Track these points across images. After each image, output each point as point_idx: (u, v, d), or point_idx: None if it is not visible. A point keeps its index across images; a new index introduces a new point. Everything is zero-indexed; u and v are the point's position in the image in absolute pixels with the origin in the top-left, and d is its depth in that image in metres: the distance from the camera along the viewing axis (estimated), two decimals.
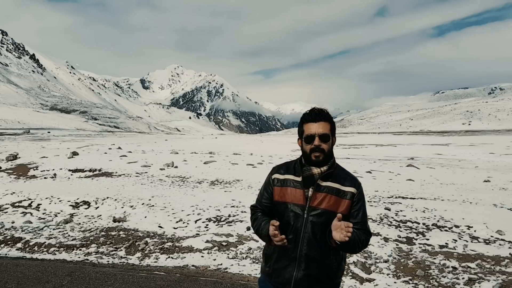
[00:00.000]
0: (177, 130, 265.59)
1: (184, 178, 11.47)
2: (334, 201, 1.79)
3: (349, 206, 1.81)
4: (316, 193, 1.79)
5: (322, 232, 1.78)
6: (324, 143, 1.79)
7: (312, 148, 1.79)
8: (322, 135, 1.78)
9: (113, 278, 3.99)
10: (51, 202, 7.62)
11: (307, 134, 1.81)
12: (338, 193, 1.80)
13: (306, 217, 1.79)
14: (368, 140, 63.58)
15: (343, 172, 1.89)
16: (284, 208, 1.84)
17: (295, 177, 1.85)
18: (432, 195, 9.37)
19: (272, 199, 1.92)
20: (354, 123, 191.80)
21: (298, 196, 1.82)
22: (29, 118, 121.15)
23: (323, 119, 1.81)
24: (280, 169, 1.94)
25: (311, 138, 1.79)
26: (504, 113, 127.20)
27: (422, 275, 4.07)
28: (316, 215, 1.78)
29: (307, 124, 1.83)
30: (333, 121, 1.88)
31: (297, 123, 1.91)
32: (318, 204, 1.78)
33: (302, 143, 1.85)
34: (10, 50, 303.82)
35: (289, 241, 1.80)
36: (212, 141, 53.92)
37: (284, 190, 1.86)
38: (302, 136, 1.86)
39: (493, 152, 30.52)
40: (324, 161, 1.81)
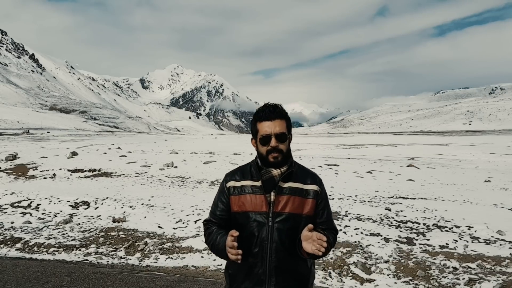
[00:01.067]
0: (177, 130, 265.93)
1: (184, 178, 11.46)
2: (299, 203, 1.65)
3: (313, 205, 1.68)
4: (279, 196, 1.63)
5: (290, 238, 1.63)
6: (281, 143, 1.63)
7: (269, 149, 1.62)
8: (279, 134, 1.62)
9: (112, 279, 3.97)
10: (50, 202, 7.61)
11: (262, 134, 1.63)
12: (301, 193, 1.67)
13: (271, 225, 1.62)
14: (369, 140, 63.58)
15: (303, 169, 1.76)
16: (246, 218, 1.65)
17: (253, 182, 1.67)
18: (433, 195, 9.36)
19: (229, 211, 1.72)
20: (354, 123, 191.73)
21: (259, 202, 1.64)
22: (28, 118, 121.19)
23: (278, 117, 1.64)
24: (234, 175, 1.75)
25: (267, 139, 1.63)
26: (505, 113, 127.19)
27: (423, 275, 4.06)
28: (282, 220, 1.62)
29: (261, 123, 1.65)
30: (289, 117, 1.71)
31: (297, 123, 1.76)
32: (283, 208, 1.63)
33: (257, 144, 1.68)
34: (10, 50, 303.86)
35: (255, 255, 1.63)
36: (212, 141, 53.92)
37: (243, 198, 1.67)
38: (256, 136, 1.68)
39: (493, 152, 30.51)
40: (282, 162, 1.65)
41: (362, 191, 9.77)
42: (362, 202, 8.10)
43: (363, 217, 6.52)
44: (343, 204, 7.69)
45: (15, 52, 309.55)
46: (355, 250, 4.77)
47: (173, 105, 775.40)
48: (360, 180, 12.09)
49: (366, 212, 6.89)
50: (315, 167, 15.19)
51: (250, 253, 1.63)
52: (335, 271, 4.27)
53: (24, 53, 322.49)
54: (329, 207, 1.77)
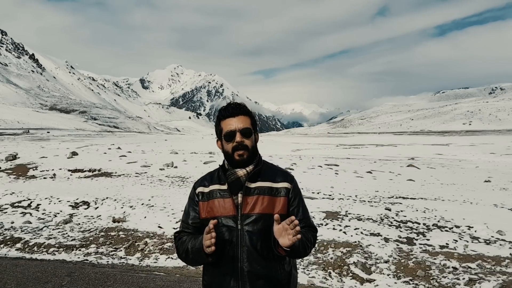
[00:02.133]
0: (177, 130, 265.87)
1: (184, 178, 11.46)
2: (268, 202, 1.57)
3: (285, 203, 1.60)
4: (247, 197, 1.56)
5: (262, 241, 1.54)
6: (246, 138, 1.58)
7: (234, 146, 1.57)
8: (243, 129, 1.57)
9: (112, 279, 3.97)
10: (50, 202, 7.61)
11: (226, 131, 1.58)
12: (271, 191, 1.59)
13: (241, 228, 1.54)
14: (369, 140, 63.58)
15: (272, 168, 1.68)
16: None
17: (220, 186, 1.61)
18: (433, 195, 9.36)
19: (199, 218, 1.66)
20: (355, 123, 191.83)
21: (227, 206, 1.57)
22: (28, 118, 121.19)
23: (242, 113, 1.61)
24: (203, 181, 1.69)
25: (231, 135, 1.57)
26: (505, 113, 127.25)
27: (423, 275, 4.06)
28: (252, 222, 1.54)
29: (225, 121, 1.61)
30: (253, 115, 1.68)
31: (297, 123, 1.69)
32: (251, 210, 1.55)
33: (223, 143, 1.63)
34: (10, 50, 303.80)
35: (227, 260, 1.55)
36: (212, 141, 53.90)
37: (211, 203, 1.61)
38: (221, 135, 1.62)
39: (493, 152, 30.52)
40: (249, 160, 1.59)
41: (362, 191, 9.77)
42: (362, 202, 8.10)
43: (363, 217, 6.52)
44: (343, 204, 7.69)
45: (15, 52, 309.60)
46: (355, 250, 4.77)
47: (173, 105, 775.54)
48: (360, 180, 12.09)
49: (366, 212, 6.89)
50: (315, 167, 15.20)
51: (222, 260, 1.56)
52: (335, 271, 4.27)
53: (24, 53, 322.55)
54: (304, 204, 1.68)
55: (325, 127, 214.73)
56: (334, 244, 4.98)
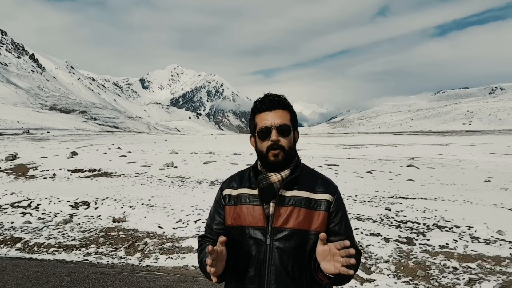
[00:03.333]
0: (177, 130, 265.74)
1: (184, 178, 11.46)
2: (305, 216, 1.32)
3: (325, 219, 1.34)
4: (280, 208, 1.32)
5: (294, 261, 1.31)
6: (283, 136, 1.34)
7: (270, 145, 1.33)
8: (281, 126, 1.33)
9: (112, 279, 3.98)
10: (50, 202, 7.61)
11: (261, 127, 1.35)
12: (309, 203, 1.33)
13: (270, 244, 1.31)
14: (369, 140, 63.61)
15: (312, 174, 1.43)
16: (241, 234, 1.36)
17: (251, 190, 1.38)
18: (433, 195, 9.36)
19: (225, 224, 1.44)
20: (355, 123, 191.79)
21: (256, 215, 1.34)
22: (28, 118, 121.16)
23: (280, 107, 1.36)
24: (232, 181, 1.47)
25: (266, 132, 1.34)
26: (505, 113, 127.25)
27: (423, 275, 4.06)
28: (283, 238, 1.31)
29: (260, 115, 1.37)
30: (294, 110, 1.43)
31: (298, 123, 1.47)
32: (284, 223, 1.31)
33: (256, 141, 1.39)
34: (10, 50, 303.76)
35: (251, 280, 1.33)
36: (212, 141, 53.91)
37: (238, 209, 1.38)
38: (255, 131, 1.39)
39: (493, 152, 30.53)
40: (285, 162, 1.35)
41: (362, 191, 9.77)
42: (362, 202, 8.10)
43: (363, 217, 6.52)
44: None
45: (15, 52, 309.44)
46: None
47: (173, 105, 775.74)
48: (360, 180, 12.09)
49: (366, 212, 6.89)
50: (315, 167, 15.20)
51: (246, 277, 1.35)
52: None
53: (24, 53, 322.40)
54: (347, 221, 1.41)
55: (325, 127, 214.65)
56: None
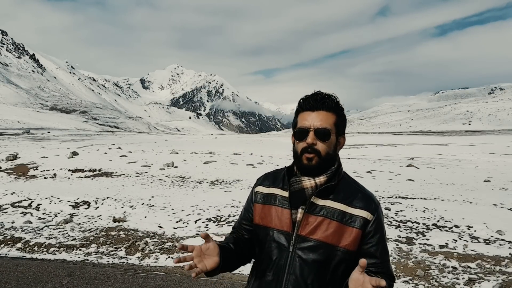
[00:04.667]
0: (177, 130, 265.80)
1: (184, 178, 11.47)
2: (335, 229, 1.20)
3: (358, 238, 1.21)
4: (308, 216, 1.22)
5: (315, 275, 1.21)
6: (321, 141, 1.23)
7: (305, 147, 1.23)
8: (320, 130, 1.22)
9: (113, 278, 3.99)
10: (51, 202, 7.62)
11: (299, 127, 1.26)
12: (343, 217, 1.21)
13: (293, 251, 1.23)
14: (368, 140, 63.60)
15: (352, 186, 1.29)
16: (265, 235, 1.29)
17: (282, 192, 1.30)
18: (432, 195, 9.37)
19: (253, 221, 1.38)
20: (354, 123, 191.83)
21: (283, 219, 1.26)
22: (29, 118, 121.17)
23: (325, 108, 1.25)
24: (266, 179, 1.39)
25: (303, 133, 1.24)
26: (504, 113, 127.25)
27: (422, 275, 4.07)
28: (307, 248, 1.21)
29: (302, 114, 1.28)
30: (343, 113, 1.31)
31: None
32: (311, 233, 1.21)
33: (294, 141, 1.31)
34: (10, 50, 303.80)
35: (268, 284, 1.26)
36: (212, 141, 53.93)
37: (267, 209, 1.32)
38: (294, 130, 1.32)
39: (493, 152, 30.53)
40: (319, 167, 1.24)
41: None
42: None
43: None
44: None
45: (16, 52, 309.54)
46: None
47: (173, 105, 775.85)
48: (359, 180, 12.11)
49: None
50: None
51: (264, 280, 1.28)
52: None
53: (25, 53, 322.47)
54: (384, 244, 1.27)
55: None
56: None
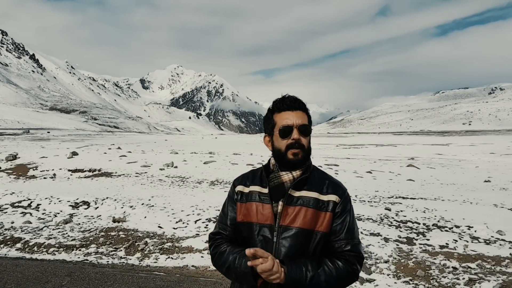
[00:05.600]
0: (177, 130, 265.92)
1: (184, 178, 11.46)
2: (312, 216, 1.35)
3: (330, 220, 1.37)
4: (288, 207, 1.36)
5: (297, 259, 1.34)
6: (304, 136, 1.39)
7: (290, 143, 1.37)
8: (302, 126, 1.38)
9: (112, 279, 3.98)
10: (50, 202, 7.61)
11: (283, 125, 1.38)
12: (317, 204, 1.37)
13: (277, 241, 1.35)
14: (368, 140, 63.61)
15: (322, 176, 1.46)
16: (249, 231, 1.40)
17: (261, 189, 1.43)
18: (433, 195, 9.37)
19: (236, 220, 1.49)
20: (354, 123, 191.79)
21: (265, 213, 1.38)
22: (28, 118, 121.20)
23: (301, 108, 1.42)
24: (245, 179, 1.51)
25: (287, 131, 1.37)
26: (505, 113, 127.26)
27: (423, 275, 4.07)
28: (289, 237, 1.34)
29: (280, 114, 1.41)
30: (310, 114, 1.49)
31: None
32: (291, 222, 1.34)
33: (274, 140, 1.43)
34: (10, 50, 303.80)
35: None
36: (212, 141, 53.93)
37: (248, 206, 1.43)
38: (272, 130, 1.43)
39: (493, 152, 30.52)
40: (303, 161, 1.40)
41: (362, 191, 9.78)
42: (362, 202, 8.11)
43: (363, 217, 6.52)
44: None
45: (16, 52, 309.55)
46: None
47: (173, 105, 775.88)
48: (360, 180, 12.10)
49: (366, 212, 6.89)
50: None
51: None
52: None
53: (25, 53, 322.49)
54: (351, 223, 1.41)
55: (325, 127, 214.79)
56: None
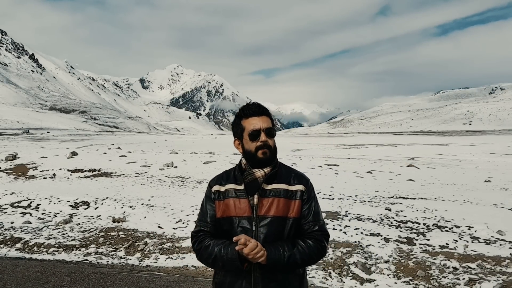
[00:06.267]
0: (177, 130, 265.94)
1: (184, 178, 11.45)
2: (284, 205, 1.59)
3: (299, 206, 1.61)
4: (262, 199, 1.58)
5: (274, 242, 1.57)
6: (270, 138, 1.61)
7: (259, 145, 1.59)
8: (268, 129, 1.61)
9: (112, 279, 3.97)
10: (50, 202, 7.60)
11: (251, 130, 1.60)
12: (286, 194, 1.61)
13: (256, 230, 1.56)
14: (369, 140, 63.62)
15: (288, 170, 1.70)
16: (230, 224, 1.60)
17: (236, 186, 1.63)
18: (433, 195, 9.36)
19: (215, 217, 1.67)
20: (355, 123, 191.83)
21: (243, 206, 1.58)
22: (28, 118, 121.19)
23: (265, 113, 1.64)
24: (220, 179, 1.70)
25: (256, 134, 1.59)
26: (505, 113, 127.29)
27: (423, 275, 4.06)
28: (266, 225, 1.56)
29: (247, 119, 1.63)
30: (272, 118, 1.72)
31: (297, 123, 1.68)
32: (267, 212, 1.56)
33: (244, 143, 1.64)
34: (10, 50, 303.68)
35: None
36: (212, 141, 53.93)
37: (226, 203, 1.62)
38: (242, 134, 1.64)
39: (493, 152, 30.53)
40: (271, 158, 1.62)
41: (362, 191, 9.77)
42: (362, 202, 8.10)
43: (363, 217, 6.52)
44: (343, 204, 7.69)
45: (15, 52, 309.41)
46: (355, 250, 4.76)
47: (173, 105, 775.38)
48: (360, 180, 12.09)
49: (366, 212, 6.89)
50: (315, 167, 15.20)
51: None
52: (335, 271, 4.27)
53: (24, 53, 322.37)
54: (316, 207, 1.67)
55: (325, 127, 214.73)
56: (334, 244, 4.98)
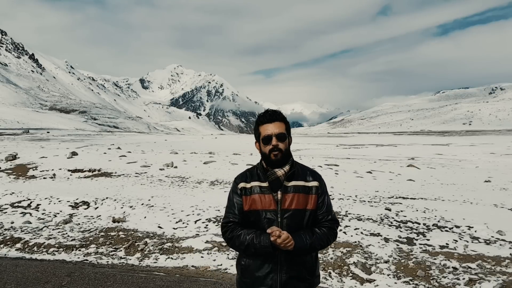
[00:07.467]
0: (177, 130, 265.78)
1: (184, 178, 11.45)
2: (303, 199, 1.85)
3: (316, 200, 1.88)
4: (285, 194, 1.84)
5: (297, 231, 1.83)
6: (281, 142, 1.84)
7: (271, 148, 1.83)
8: (279, 134, 1.84)
9: (112, 279, 3.97)
10: (50, 202, 7.60)
11: (264, 135, 1.85)
12: (305, 189, 1.86)
13: (280, 221, 1.82)
14: (369, 140, 63.61)
15: (303, 168, 1.95)
16: (257, 216, 1.86)
17: (261, 183, 1.88)
18: (433, 195, 9.36)
19: (243, 209, 1.92)
20: (355, 123, 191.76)
21: (268, 201, 1.84)
22: (28, 118, 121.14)
23: (278, 119, 1.86)
24: (244, 177, 1.96)
25: (268, 139, 1.84)
26: (505, 113, 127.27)
27: (423, 275, 4.06)
28: (289, 216, 1.82)
29: (262, 126, 1.87)
30: (288, 121, 1.95)
31: (297, 123, 1.84)
32: (289, 205, 1.83)
33: (260, 145, 1.89)
34: (9, 50, 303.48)
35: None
36: (212, 141, 53.92)
37: (252, 198, 1.87)
38: (259, 138, 1.90)
39: (493, 152, 30.52)
40: (283, 160, 1.85)
41: (362, 191, 9.77)
42: (362, 202, 8.10)
43: (363, 217, 6.52)
44: (343, 204, 7.69)
45: (15, 52, 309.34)
46: (355, 250, 4.76)
47: (173, 105, 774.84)
48: (360, 180, 12.09)
49: (366, 212, 6.89)
50: (315, 167, 15.19)
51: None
52: (335, 271, 4.27)
53: (24, 53, 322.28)
54: (328, 200, 1.94)
55: (325, 127, 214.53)
56: (334, 244, 4.98)
